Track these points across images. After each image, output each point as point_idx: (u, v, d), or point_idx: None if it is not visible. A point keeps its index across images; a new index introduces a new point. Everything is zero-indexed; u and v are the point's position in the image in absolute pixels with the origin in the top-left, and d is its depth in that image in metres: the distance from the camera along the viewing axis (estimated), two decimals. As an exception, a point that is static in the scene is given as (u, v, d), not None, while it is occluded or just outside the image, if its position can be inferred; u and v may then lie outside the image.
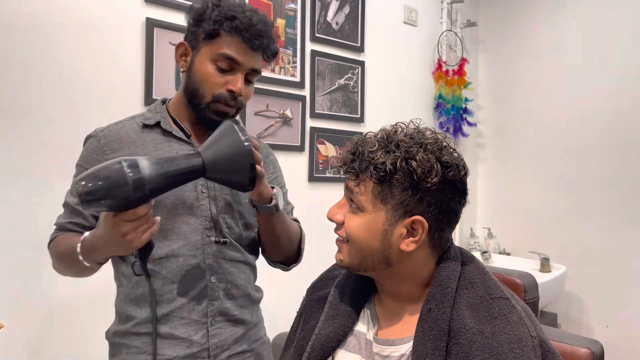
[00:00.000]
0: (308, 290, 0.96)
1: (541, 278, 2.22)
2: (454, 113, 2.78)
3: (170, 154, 0.96)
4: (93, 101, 1.61)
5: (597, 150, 2.49)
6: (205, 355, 1.00)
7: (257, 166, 0.88)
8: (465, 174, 0.78)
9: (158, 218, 0.85)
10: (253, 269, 1.13)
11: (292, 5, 2.13)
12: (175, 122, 1.04)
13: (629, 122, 2.38)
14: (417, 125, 0.80)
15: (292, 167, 2.16)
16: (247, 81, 1.01)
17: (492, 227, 2.89)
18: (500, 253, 2.85)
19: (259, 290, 1.15)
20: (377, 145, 0.75)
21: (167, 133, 1.03)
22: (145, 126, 1.03)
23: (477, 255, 2.67)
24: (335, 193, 0.80)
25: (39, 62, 1.52)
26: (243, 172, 0.85)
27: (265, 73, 2.04)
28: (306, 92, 2.19)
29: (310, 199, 2.20)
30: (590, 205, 2.52)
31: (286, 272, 1.19)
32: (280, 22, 2.09)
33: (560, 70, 2.65)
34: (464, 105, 2.83)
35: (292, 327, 0.95)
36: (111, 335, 1.04)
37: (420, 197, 0.73)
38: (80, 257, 0.89)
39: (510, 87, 2.90)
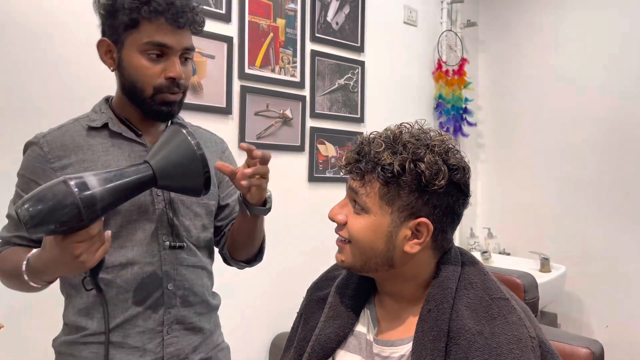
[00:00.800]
0: (308, 290, 0.95)
1: (541, 278, 2.22)
2: (454, 113, 2.78)
3: (119, 166, 0.89)
4: (93, 101, 1.60)
5: (597, 150, 2.49)
6: None
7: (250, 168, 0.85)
8: (470, 176, 0.78)
9: (109, 233, 0.79)
10: (210, 274, 1.09)
11: (292, 5, 2.13)
12: (122, 121, 0.98)
13: (629, 122, 2.38)
14: (421, 125, 0.79)
15: (292, 167, 2.16)
16: (184, 59, 0.95)
17: (492, 227, 2.89)
18: (500, 253, 2.85)
19: (216, 296, 1.12)
20: (383, 145, 0.74)
21: (115, 135, 0.96)
22: (92, 129, 0.96)
23: (477, 255, 2.67)
24: (335, 193, 0.80)
25: (39, 62, 1.52)
26: (196, 177, 0.81)
27: (265, 73, 2.04)
28: (306, 92, 2.19)
29: (310, 199, 2.21)
30: (590, 205, 2.52)
31: (284, 271, 1.18)
32: (280, 22, 2.09)
33: (560, 70, 2.65)
34: (464, 105, 2.83)
35: (292, 327, 0.95)
36: (58, 344, 0.99)
37: (426, 200, 0.73)
38: (26, 278, 0.83)
39: (510, 87, 2.90)
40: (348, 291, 0.86)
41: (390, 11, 2.56)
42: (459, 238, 2.89)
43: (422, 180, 0.72)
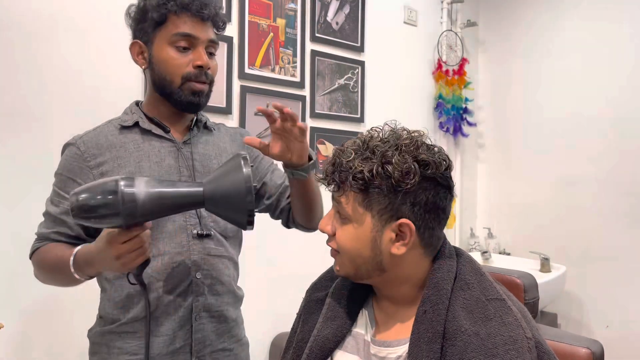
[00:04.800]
0: (307, 291, 0.96)
1: (541, 278, 2.22)
2: (454, 113, 2.78)
3: (150, 161, 0.97)
4: (93, 101, 1.61)
5: (597, 150, 2.49)
6: (187, 350, 1.00)
7: (297, 125, 0.88)
8: (448, 168, 0.76)
9: (149, 233, 0.83)
10: (236, 265, 1.13)
11: (292, 5, 2.13)
12: (151, 120, 1.04)
13: (629, 122, 2.38)
14: (393, 127, 0.79)
15: (292, 167, 2.16)
16: (209, 54, 1.02)
17: (492, 227, 2.89)
18: (500, 253, 2.84)
19: (240, 289, 1.15)
20: (353, 154, 0.75)
21: (146, 132, 1.02)
22: (124, 128, 1.02)
23: (477, 255, 2.67)
24: (335, 193, 0.80)
25: (39, 62, 1.52)
26: (241, 213, 0.84)
27: (265, 73, 2.04)
28: (306, 92, 2.19)
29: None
30: (590, 205, 2.52)
31: (285, 271, 1.19)
32: (280, 22, 2.09)
33: (560, 70, 2.65)
34: (464, 105, 2.83)
35: (292, 328, 0.95)
36: (93, 334, 1.04)
37: (402, 199, 0.73)
38: (73, 270, 0.89)
39: (510, 87, 2.89)
40: (346, 292, 0.87)
41: (390, 11, 2.56)
42: (458, 238, 2.89)
43: (393, 181, 0.72)
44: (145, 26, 0.99)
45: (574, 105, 2.58)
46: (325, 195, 0.96)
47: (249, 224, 0.85)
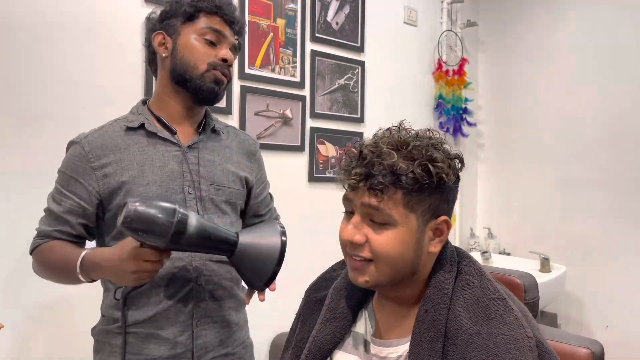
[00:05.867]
0: (306, 291, 0.95)
1: (541, 278, 2.22)
2: (454, 113, 2.78)
3: (153, 165, 1.00)
4: (93, 101, 1.61)
5: (597, 150, 2.49)
6: (189, 356, 1.00)
7: None
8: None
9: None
10: None
11: (292, 5, 2.13)
12: (159, 120, 1.04)
13: (629, 122, 2.38)
14: (398, 125, 0.80)
15: (292, 167, 2.16)
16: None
17: (492, 227, 2.89)
18: (500, 253, 2.84)
19: (245, 290, 1.14)
20: (396, 155, 0.71)
21: (151, 134, 1.02)
22: (129, 129, 1.02)
23: (477, 255, 2.67)
24: (335, 193, 0.79)
25: (39, 62, 1.52)
26: (263, 275, 0.90)
27: (265, 73, 2.04)
28: (306, 92, 2.19)
29: (310, 199, 2.20)
30: (590, 205, 2.51)
31: (285, 271, 1.21)
32: (280, 22, 2.09)
33: (560, 70, 2.65)
34: (464, 105, 2.83)
35: (291, 328, 0.95)
36: (96, 332, 1.06)
37: (445, 197, 0.75)
38: (79, 271, 0.91)
39: (510, 87, 2.89)
40: (345, 292, 0.86)
41: (390, 11, 2.56)
42: (458, 238, 2.89)
43: (443, 178, 0.73)
44: (172, 21, 1.02)
45: (574, 105, 2.58)
46: (316, 198, 0.96)
47: (266, 286, 0.91)
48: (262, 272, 0.88)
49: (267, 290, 1.01)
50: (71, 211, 0.98)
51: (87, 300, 1.24)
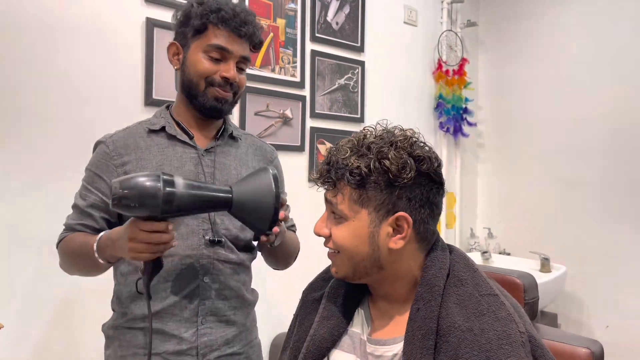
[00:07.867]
0: (303, 292, 0.96)
1: (541, 278, 2.22)
2: (454, 113, 2.78)
3: (172, 165, 1.02)
4: (93, 101, 1.61)
5: (597, 150, 2.49)
6: (194, 353, 1.02)
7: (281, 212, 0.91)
8: (439, 165, 0.79)
9: (169, 245, 0.86)
10: (248, 270, 1.14)
11: (292, 5, 2.13)
12: (179, 125, 1.08)
13: (629, 122, 2.38)
14: (384, 126, 0.82)
15: (292, 167, 2.16)
16: (240, 69, 1.06)
17: (492, 227, 2.89)
18: (500, 253, 2.84)
19: (254, 292, 1.17)
20: (349, 151, 0.77)
21: (171, 137, 1.06)
22: (151, 131, 1.07)
23: (477, 255, 2.67)
24: (335, 194, 0.81)
25: (39, 62, 1.52)
26: (265, 216, 0.89)
27: (265, 73, 2.04)
28: (306, 92, 2.19)
29: (310, 199, 2.20)
30: (590, 205, 2.52)
31: (285, 271, 1.23)
32: (280, 22, 2.09)
33: (560, 70, 2.65)
34: (464, 105, 2.83)
35: (289, 328, 0.95)
36: (106, 328, 1.08)
37: (399, 194, 0.75)
38: (95, 249, 0.93)
39: (510, 87, 2.89)
40: (342, 292, 0.87)
41: (390, 11, 2.56)
42: (458, 238, 2.89)
43: (390, 175, 0.74)
44: (185, 30, 1.04)
45: (574, 105, 2.58)
46: (316, 198, 0.96)
47: (270, 228, 0.90)
48: (265, 213, 0.88)
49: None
50: (94, 206, 1.03)
51: (98, 297, 1.26)
